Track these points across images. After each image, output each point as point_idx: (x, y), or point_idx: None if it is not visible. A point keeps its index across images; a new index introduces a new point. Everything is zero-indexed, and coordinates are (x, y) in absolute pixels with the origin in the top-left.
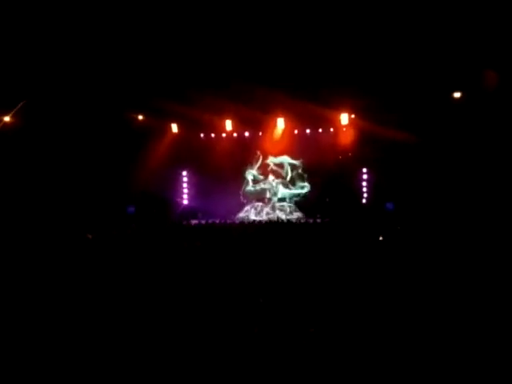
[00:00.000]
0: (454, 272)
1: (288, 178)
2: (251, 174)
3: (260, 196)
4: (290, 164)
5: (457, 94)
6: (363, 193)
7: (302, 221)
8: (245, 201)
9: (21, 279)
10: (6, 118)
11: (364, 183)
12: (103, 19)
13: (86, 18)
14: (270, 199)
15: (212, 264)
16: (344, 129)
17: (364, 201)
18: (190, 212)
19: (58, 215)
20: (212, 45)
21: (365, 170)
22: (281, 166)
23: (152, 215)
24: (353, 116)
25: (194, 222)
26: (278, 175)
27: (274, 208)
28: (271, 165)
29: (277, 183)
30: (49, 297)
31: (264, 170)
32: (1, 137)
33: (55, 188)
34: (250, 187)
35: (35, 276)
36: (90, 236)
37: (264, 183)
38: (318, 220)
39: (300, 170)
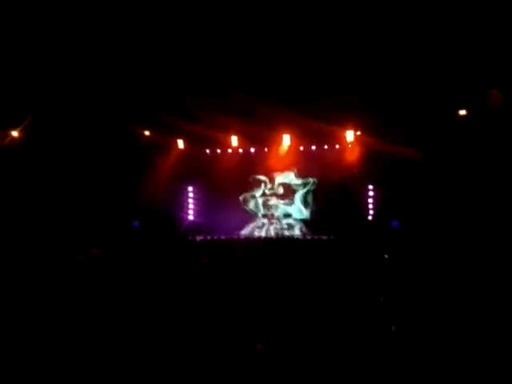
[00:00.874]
0: (459, 290)
1: (298, 198)
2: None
3: (264, 212)
4: (299, 184)
5: (462, 112)
6: (369, 210)
7: (308, 237)
8: (249, 217)
9: (25, 291)
10: (14, 133)
11: (370, 200)
12: (113, 36)
13: (96, 33)
14: (273, 215)
15: (217, 280)
16: (349, 145)
17: (370, 218)
18: (196, 227)
19: (64, 229)
20: (218, 62)
21: (370, 186)
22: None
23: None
24: (358, 133)
25: (199, 237)
26: (284, 195)
27: (278, 224)
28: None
29: (282, 200)
30: (52, 308)
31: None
32: (8, 152)
33: (62, 202)
34: (252, 206)
35: (39, 288)
36: (95, 251)
37: (267, 198)
38: (324, 237)
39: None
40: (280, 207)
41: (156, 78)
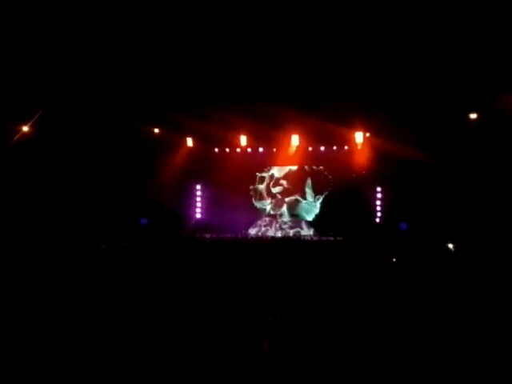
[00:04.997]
0: (468, 294)
1: (308, 191)
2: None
3: (271, 212)
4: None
5: (473, 115)
6: (377, 212)
7: (315, 238)
8: (257, 216)
9: (33, 287)
10: (25, 128)
11: (378, 202)
12: (124, 34)
13: (107, 32)
14: (281, 215)
15: (223, 279)
16: (359, 147)
17: (377, 220)
18: (203, 226)
19: (73, 225)
20: (229, 62)
21: (379, 188)
22: (298, 179)
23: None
24: (368, 135)
25: (206, 235)
26: (292, 191)
27: (285, 224)
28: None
29: (289, 200)
30: (59, 304)
31: (271, 183)
32: (17, 148)
33: (71, 199)
34: (259, 205)
35: (47, 284)
36: (103, 246)
37: (274, 198)
38: (331, 238)
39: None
40: (287, 207)
41: (166, 77)
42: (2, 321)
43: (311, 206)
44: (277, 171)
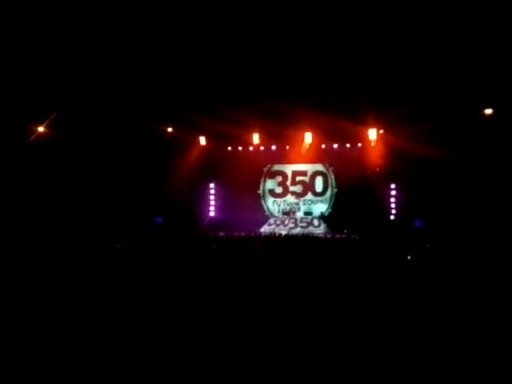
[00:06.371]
0: (484, 294)
1: (321, 189)
2: (269, 183)
3: (284, 209)
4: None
5: (489, 111)
6: (391, 209)
7: (328, 236)
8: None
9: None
10: (40, 129)
11: (392, 199)
12: (137, 34)
13: (123, 31)
14: (294, 212)
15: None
16: (372, 144)
17: (392, 217)
18: (216, 224)
19: (89, 224)
20: (242, 60)
21: (393, 185)
22: (311, 177)
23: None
24: (381, 131)
25: (220, 233)
26: (305, 188)
27: (298, 222)
28: (291, 175)
29: (302, 197)
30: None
31: (283, 180)
32: (36, 146)
33: (87, 197)
34: (271, 203)
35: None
36: (119, 246)
37: (287, 195)
38: (345, 235)
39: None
40: (301, 205)
41: (180, 76)
42: (16, 318)
43: (323, 204)
44: (289, 169)
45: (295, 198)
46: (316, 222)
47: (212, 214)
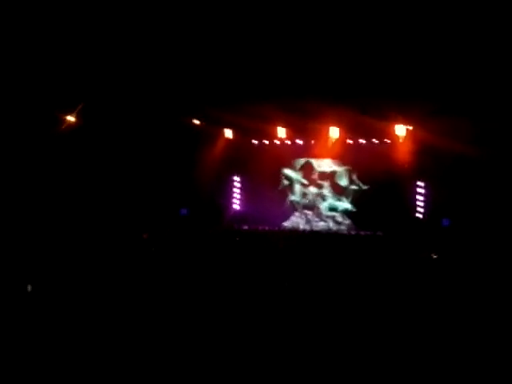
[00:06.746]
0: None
1: (343, 183)
2: (293, 175)
3: (308, 204)
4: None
5: None
6: (418, 207)
7: (353, 233)
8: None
9: (80, 274)
10: (71, 118)
11: (420, 197)
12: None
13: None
14: (318, 207)
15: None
16: (400, 140)
17: (419, 215)
18: (241, 217)
19: (117, 214)
20: (268, 57)
21: (422, 183)
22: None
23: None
24: (410, 127)
25: (244, 227)
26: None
27: (322, 217)
28: (316, 169)
29: (327, 192)
30: (108, 292)
31: (308, 174)
32: (62, 138)
33: (116, 188)
34: (295, 197)
35: (94, 272)
36: (145, 236)
37: (311, 189)
38: (369, 232)
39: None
40: (326, 200)
41: (207, 72)
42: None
43: (348, 199)
44: (314, 164)
45: (319, 192)
46: (340, 218)
47: (236, 206)
